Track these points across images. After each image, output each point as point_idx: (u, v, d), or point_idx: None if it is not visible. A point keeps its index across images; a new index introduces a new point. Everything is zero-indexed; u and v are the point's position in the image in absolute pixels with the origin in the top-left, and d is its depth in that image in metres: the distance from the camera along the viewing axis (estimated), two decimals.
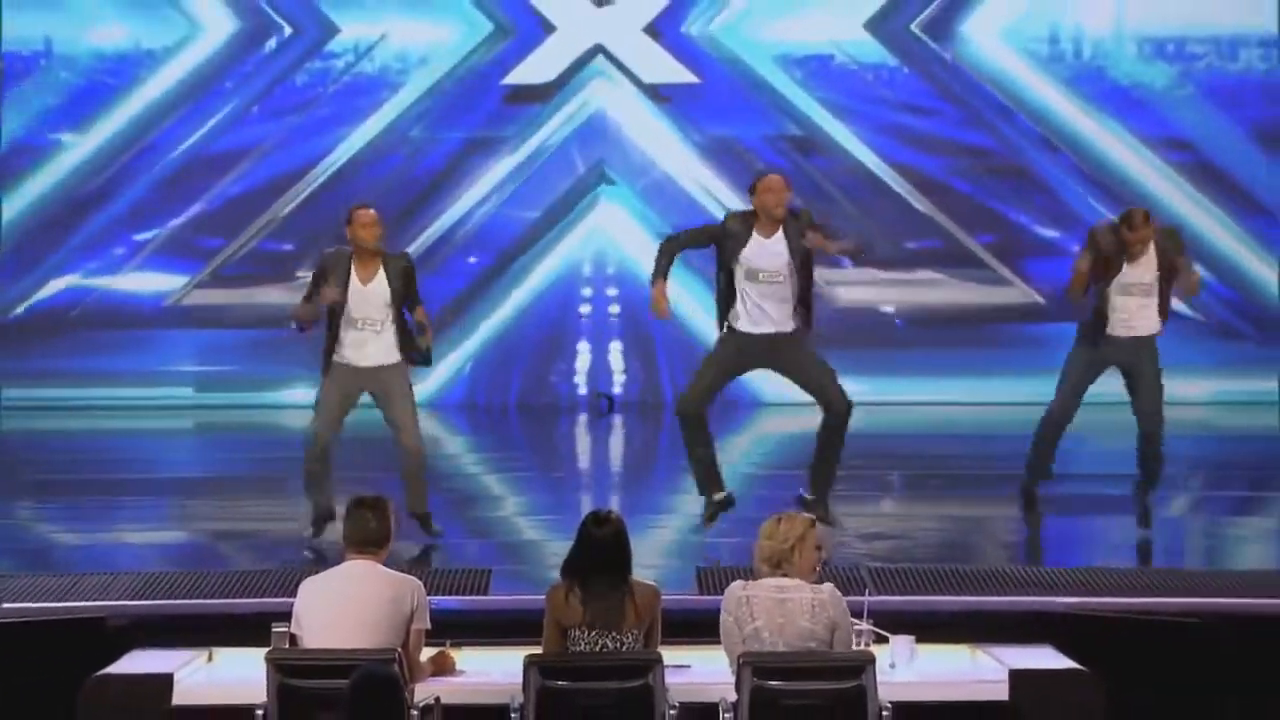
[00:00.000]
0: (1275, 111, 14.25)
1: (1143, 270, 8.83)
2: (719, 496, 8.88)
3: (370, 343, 8.75)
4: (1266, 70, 14.26)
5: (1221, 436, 13.13)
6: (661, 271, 8.70)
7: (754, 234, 8.65)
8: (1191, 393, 13.65)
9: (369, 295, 8.71)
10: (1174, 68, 14.29)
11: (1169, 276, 8.88)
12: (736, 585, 6.33)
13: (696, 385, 8.81)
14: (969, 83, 14.31)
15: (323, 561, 8.10)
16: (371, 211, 8.76)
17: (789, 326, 8.68)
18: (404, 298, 8.77)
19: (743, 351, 8.73)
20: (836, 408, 8.81)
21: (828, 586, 6.32)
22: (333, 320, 8.76)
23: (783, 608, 6.24)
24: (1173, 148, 14.28)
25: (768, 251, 8.63)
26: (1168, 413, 9.08)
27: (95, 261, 14.29)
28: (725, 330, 8.77)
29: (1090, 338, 8.95)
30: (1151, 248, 8.84)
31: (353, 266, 8.71)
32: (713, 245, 8.75)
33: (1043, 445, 9.02)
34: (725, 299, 8.73)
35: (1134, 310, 8.86)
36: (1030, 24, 14.32)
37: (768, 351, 8.72)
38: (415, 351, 8.88)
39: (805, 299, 8.68)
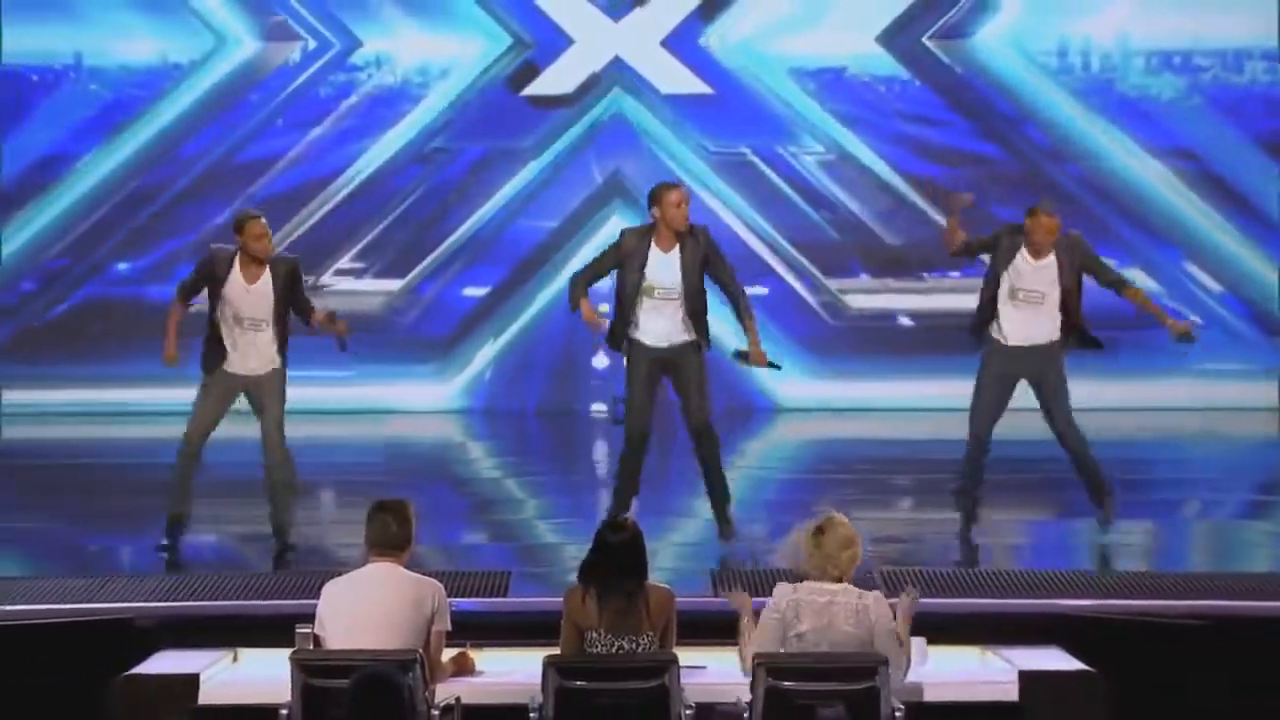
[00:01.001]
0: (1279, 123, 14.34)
1: (1037, 276, 8.80)
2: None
3: (254, 346, 8.78)
4: (1271, 82, 14.33)
5: (1233, 443, 13.20)
6: (576, 301, 8.75)
7: (653, 248, 8.63)
8: (1197, 398, 13.80)
9: (255, 296, 8.73)
10: (1181, 80, 14.36)
11: (1076, 288, 8.80)
12: (786, 588, 6.36)
13: (635, 408, 8.74)
14: (980, 94, 14.39)
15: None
16: (262, 223, 8.77)
17: (680, 339, 8.67)
18: (288, 300, 8.78)
19: (651, 362, 8.70)
20: (693, 425, 8.76)
21: (875, 594, 6.37)
22: (214, 320, 8.78)
23: (828, 610, 6.31)
24: (1180, 158, 14.35)
25: (667, 266, 8.61)
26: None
27: (123, 269, 14.42)
28: (627, 344, 8.72)
29: (988, 348, 8.93)
30: (1052, 257, 8.80)
31: (238, 267, 8.73)
32: (617, 267, 8.69)
33: (974, 463, 9.01)
34: (621, 313, 8.69)
35: (1026, 318, 8.81)
36: (1039, 37, 14.37)
37: (669, 359, 8.70)
38: (284, 356, 8.87)
39: (699, 314, 8.67)
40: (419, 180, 14.46)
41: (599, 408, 14.40)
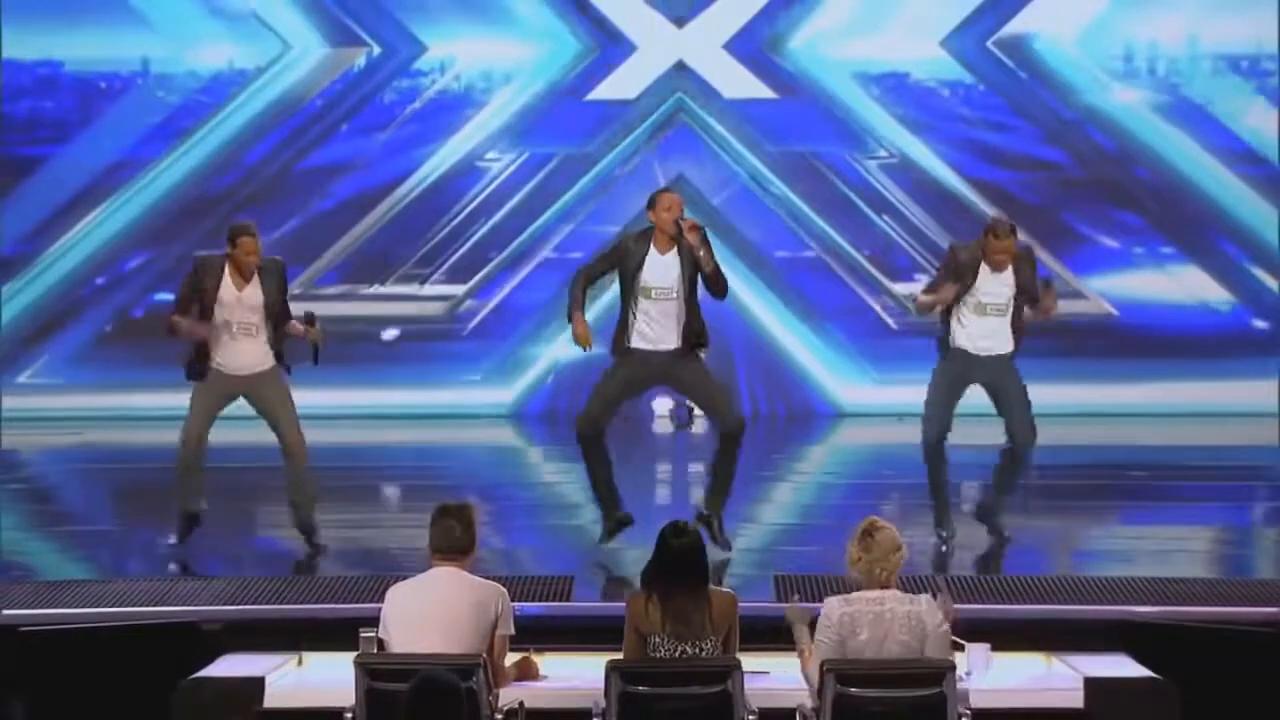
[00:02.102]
0: None
1: (1000, 288, 8.88)
2: (619, 515, 8.88)
3: (245, 349, 8.81)
4: None
5: None
6: (577, 305, 8.74)
7: (651, 250, 8.69)
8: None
9: (244, 300, 8.78)
10: (1248, 83, 14.27)
11: (1024, 298, 8.91)
12: (836, 603, 6.31)
13: (594, 403, 8.78)
14: (1044, 98, 14.33)
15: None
16: (255, 240, 8.78)
17: (676, 344, 8.67)
18: (278, 302, 8.83)
19: (640, 368, 8.73)
20: (727, 426, 8.75)
21: (925, 598, 6.33)
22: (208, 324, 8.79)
23: (881, 620, 6.27)
24: (1246, 162, 14.26)
25: (662, 267, 8.66)
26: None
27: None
28: (621, 348, 8.74)
29: (948, 354, 9.00)
30: (1009, 267, 8.88)
31: (227, 273, 8.79)
32: (616, 268, 8.74)
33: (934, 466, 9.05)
34: (622, 316, 8.73)
35: (991, 329, 8.90)
36: (1105, 41, 14.32)
37: (663, 368, 8.72)
38: (286, 360, 8.90)
39: (695, 319, 8.67)
40: (482, 185, 14.50)
41: (662, 411, 14.42)
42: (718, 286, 8.68)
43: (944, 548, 8.89)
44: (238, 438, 9.38)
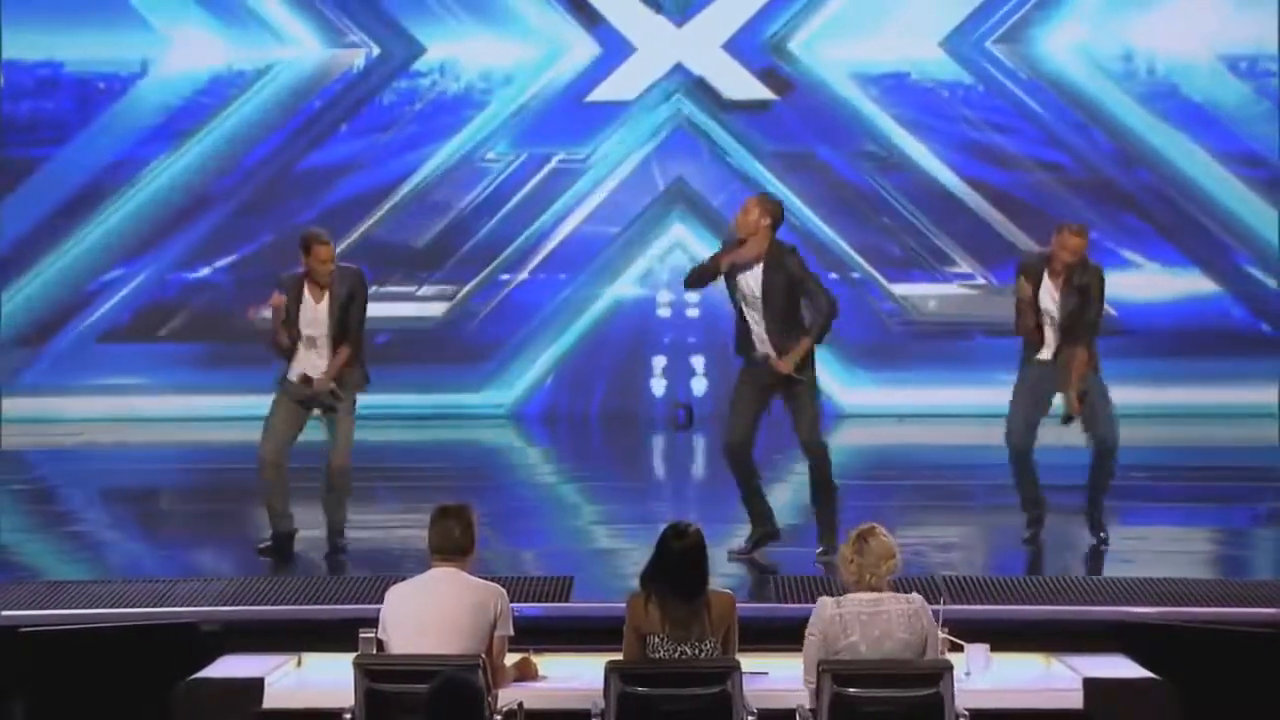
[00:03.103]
0: None
1: (1046, 299, 8.89)
2: (766, 528, 8.79)
3: (310, 361, 8.77)
4: None
5: None
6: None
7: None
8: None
9: (317, 312, 8.76)
10: (1247, 85, 14.28)
11: (1078, 313, 8.85)
12: (828, 603, 6.31)
13: (730, 416, 8.72)
14: (1044, 99, 14.34)
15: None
16: (330, 247, 8.78)
17: (771, 355, 8.56)
18: (346, 314, 8.76)
19: (754, 376, 8.65)
20: (809, 450, 8.73)
21: (917, 597, 6.33)
22: (291, 334, 8.78)
23: (876, 621, 6.26)
24: (1247, 164, 14.27)
25: (753, 274, 8.55)
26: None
27: (189, 275, 14.54)
28: (742, 353, 8.69)
29: (1028, 362, 9.07)
30: (1059, 280, 8.86)
31: (306, 286, 8.77)
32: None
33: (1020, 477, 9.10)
34: (738, 325, 8.66)
35: (1051, 339, 8.94)
36: (1105, 42, 14.33)
37: (772, 377, 8.61)
38: (361, 380, 8.86)
39: (783, 333, 8.55)
40: (481, 187, 14.52)
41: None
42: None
43: (1033, 545, 8.91)
44: (243, 437, 9.37)
